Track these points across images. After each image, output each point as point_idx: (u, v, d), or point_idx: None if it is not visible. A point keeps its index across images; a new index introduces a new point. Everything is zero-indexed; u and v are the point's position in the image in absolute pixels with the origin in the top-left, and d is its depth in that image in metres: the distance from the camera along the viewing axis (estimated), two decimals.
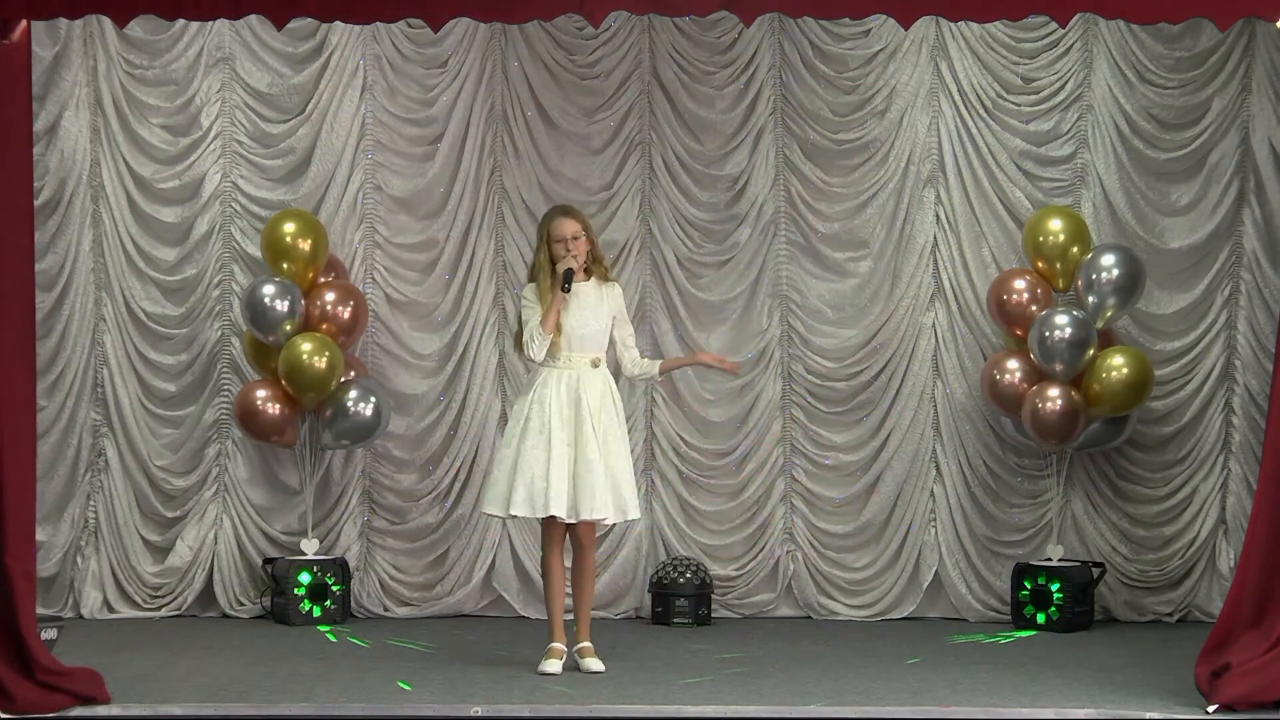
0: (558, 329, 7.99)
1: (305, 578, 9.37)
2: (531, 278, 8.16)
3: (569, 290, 7.98)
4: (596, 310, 8.07)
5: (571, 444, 7.93)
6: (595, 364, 8.06)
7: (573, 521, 7.97)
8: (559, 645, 8.03)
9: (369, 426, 9.46)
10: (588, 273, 8.12)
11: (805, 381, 9.78)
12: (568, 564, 8.29)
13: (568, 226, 8.04)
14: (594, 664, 8.01)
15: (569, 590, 8.31)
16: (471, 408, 9.79)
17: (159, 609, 9.73)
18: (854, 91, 9.71)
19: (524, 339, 8.04)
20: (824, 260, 9.78)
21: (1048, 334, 9.03)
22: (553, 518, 7.93)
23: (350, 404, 9.40)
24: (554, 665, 7.95)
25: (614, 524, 8.77)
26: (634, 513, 8.11)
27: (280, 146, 9.82)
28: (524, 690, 7.60)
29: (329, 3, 7.42)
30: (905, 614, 9.66)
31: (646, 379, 8.45)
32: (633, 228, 9.80)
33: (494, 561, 9.78)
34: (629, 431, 9.50)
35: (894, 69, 9.68)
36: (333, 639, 8.95)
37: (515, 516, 8.08)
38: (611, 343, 8.19)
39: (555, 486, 7.88)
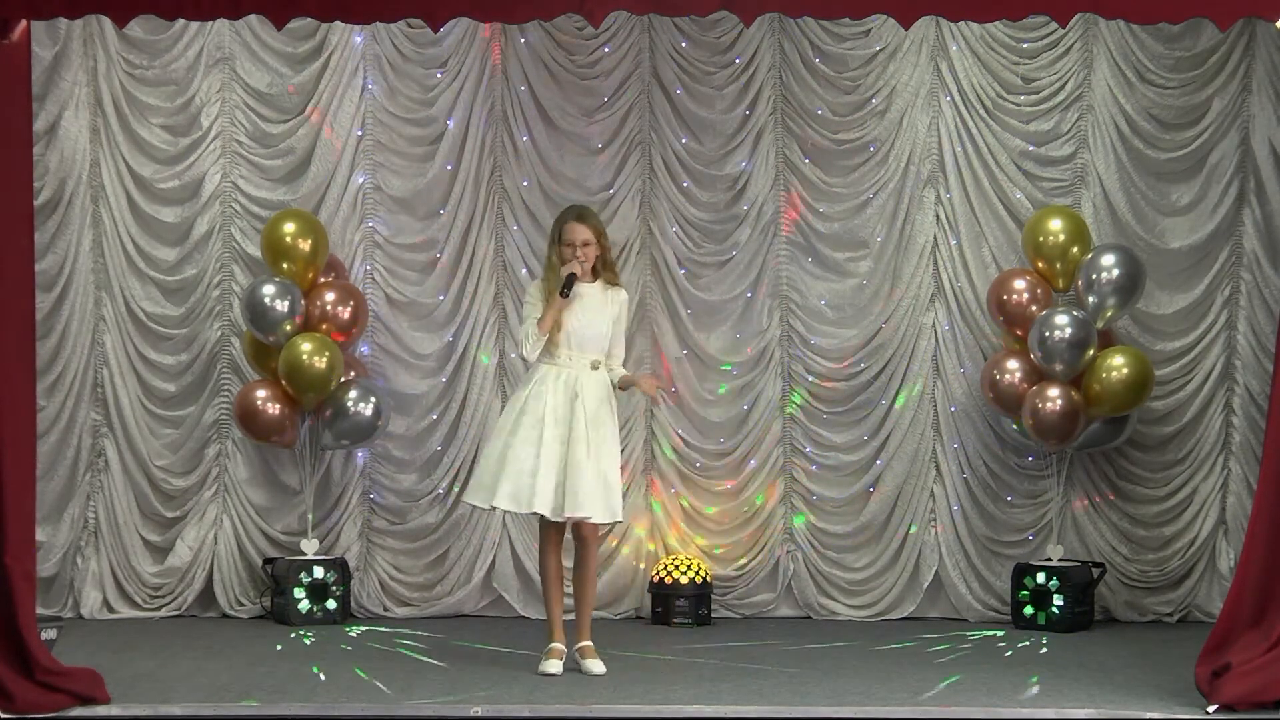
0: (558, 328, 8.01)
1: (305, 578, 9.37)
2: (544, 277, 8.18)
3: (567, 295, 8.00)
4: (600, 314, 8.09)
5: (564, 442, 7.94)
6: (594, 366, 8.07)
7: (558, 520, 7.98)
8: (559, 645, 8.03)
9: (369, 426, 9.46)
10: (595, 274, 8.14)
11: (805, 381, 9.78)
12: (568, 564, 8.29)
13: (579, 233, 8.07)
14: (594, 665, 8.00)
15: (569, 590, 8.32)
16: (471, 408, 9.79)
17: (159, 609, 9.72)
18: (854, 91, 9.71)
19: (520, 336, 8.07)
20: (824, 260, 9.78)
21: (1048, 334, 9.03)
22: (551, 520, 7.96)
23: (350, 404, 9.40)
24: (554, 665, 7.95)
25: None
26: (619, 514, 8.11)
27: (280, 146, 9.82)
28: (524, 690, 7.60)
29: (329, 3, 7.42)
30: (905, 614, 9.65)
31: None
32: (633, 228, 9.80)
33: (494, 561, 9.77)
34: (629, 431, 9.56)
35: (894, 69, 9.68)
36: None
37: (496, 509, 8.07)
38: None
39: (542, 484, 7.89)
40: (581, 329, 8.04)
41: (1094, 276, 9.11)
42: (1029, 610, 9.26)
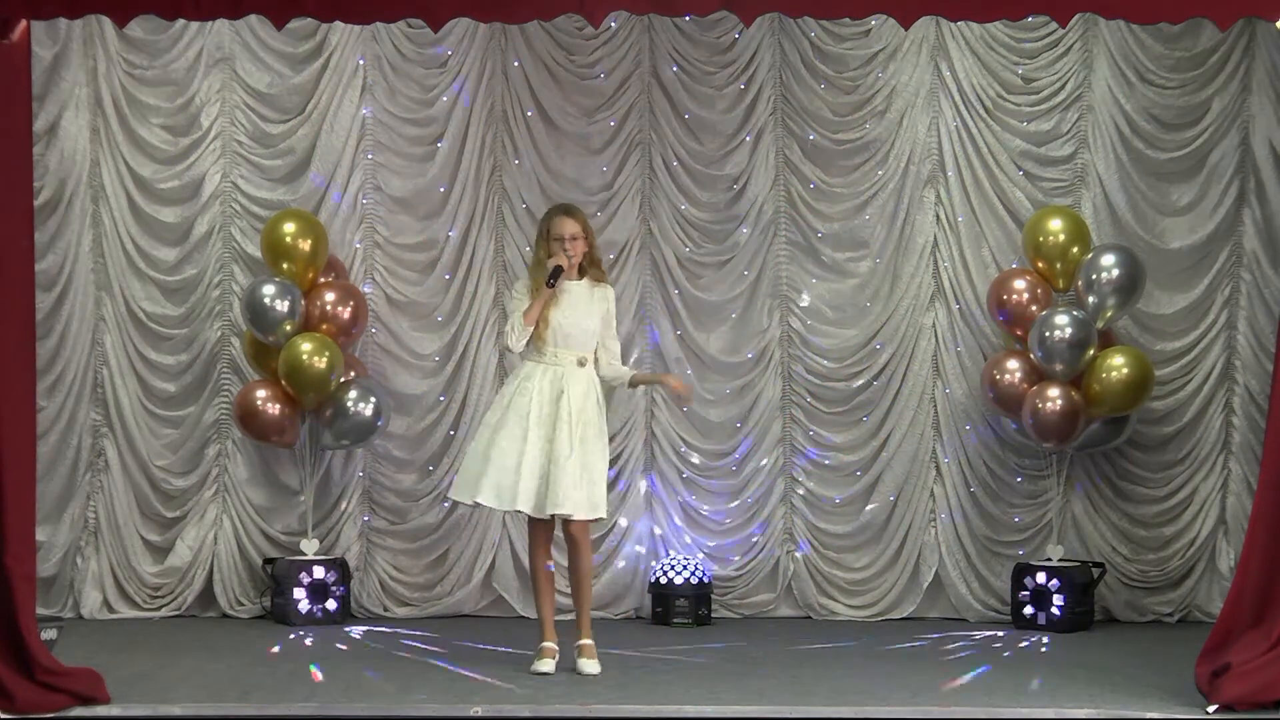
0: (545, 324, 8.00)
1: (305, 578, 9.38)
2: (531, 273, 8.17)
3: (553, 285, 8.00)
4: (587, 310, 8.07)
5: (549, 440, 7.93)
6: (581, 363, 8.06)
7: (543, 518, 7.96)
8: (551, 644, 8.03)
9: (369, 426, 9.46)
10: (581, 272, 8.12)
11: (805, 381, 9.78)
12: (562, 561, 8.29)
13: (567, 226, 8.05)
14: (588, 665, 7.97)
15: (562, 589, 8.32)
16: (471, 408, 9.79)
17: (159, 609, 9.72)
18: (854, 91, 9.72)
19: (505, 328, 8.10)
20: (824, 260, 9.78)
21: (1048, 334, 9.03)
22: (537, 518, 7.95)
23: (350, 404, 9.40)
24: (547, 665, 7.95)
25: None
26: (602, 512, 8.03)
27: (280, 146, 9.82)
28: (524, 690, 7.59)
29: (329, 3, 7.42)
30: (905, 614, 9.66)
31: (615, 382, 8.25)
32: (633, 228, 9.80)
33: (494, 561, 9.78)
34: (629, 432, 9.57)
35: (894, 69, 9.68)
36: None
37: (480, 505, 8.03)
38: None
39: (525, 481, 7.88)
40: (568, 326, 8.03)
41: (1094, 276, 9.12)
42: (1029, 610, 9.26)
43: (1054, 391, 9.05)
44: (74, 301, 9.76)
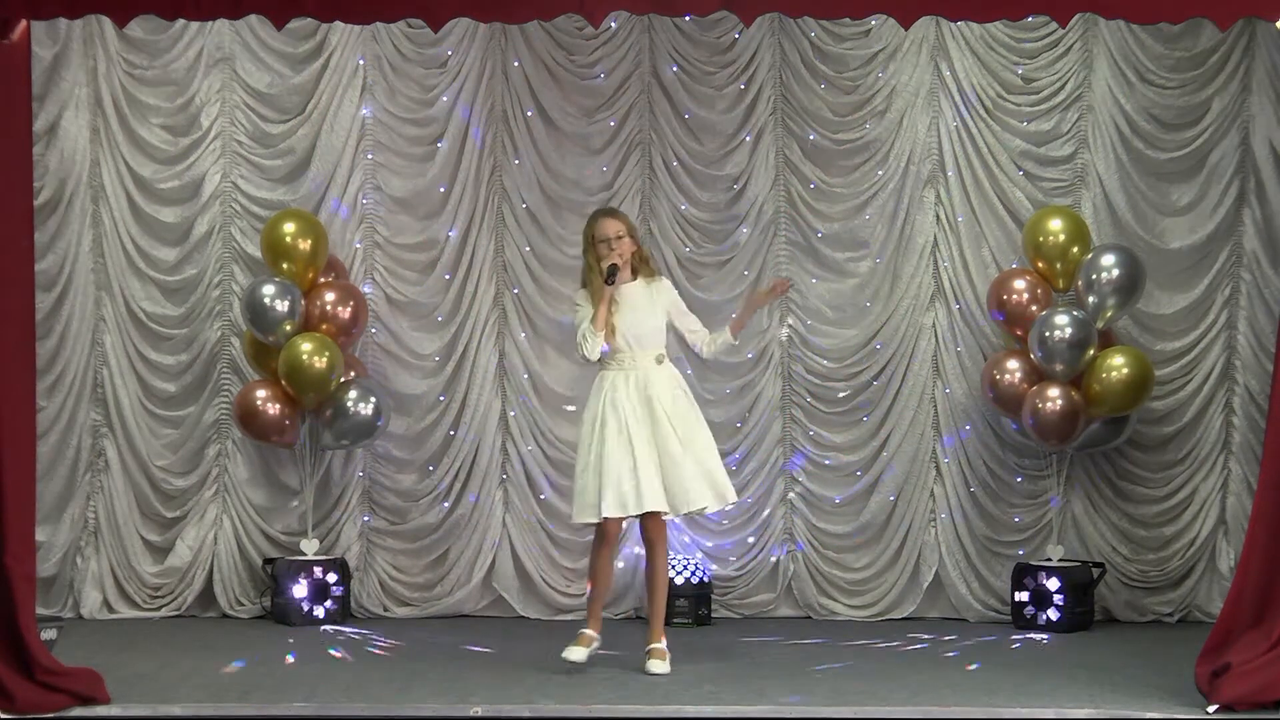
0: (613, 331, 8.04)
1: (305, 578, 9.38)
2: (583, 284, 8.18)
3: (613, 283, 8.01)
4: (650, 309, 8.12)
5: (651, 442, 7.97)
6: (659, 360, 8.11)
7: (666, 515, 8.03)
8: (591, 633, 8.05)
9: (369, 426, 9.46)
10: (635, 272, 8.16)
11: (805, 381, 9.79)
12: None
13: (610, 226, 8.10)
14: (657, 666, 8.00)
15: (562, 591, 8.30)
16: (471, 408, 9.80)
17: (159, 609, 9.73)
18: (854, 91, 9.72)
19: (577, 339, 8.06)
20: (824, 260, 9.78)
21: (1048, 334, 9.03)
22: (606, 518, 7.97)
23: (350, 404, 9.40)
24: (579, 653, 7.95)
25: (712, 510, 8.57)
26: (731, 496, 8.18)
27: (280, 146, 9.82)
28: (524, 690, 7.59)
29: (329, 3, 7.42)
30: (905, 614, 9.66)
31: (729, 348, 8.43)
32: None
33: (494, 561, 9.78)
34: None
35: (894, 69, 9.68)
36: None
37: (607, 519, 8.00)
38: (681, 337, 8.27)
39: (647, 483, 7.92)
40: (635, 326, 8.07)
41: (1094, 276, 9.12)
42: (1029, 610, 9.26)
43: (1054, 391, 9.05)
44: (74, 301, 9.77)
